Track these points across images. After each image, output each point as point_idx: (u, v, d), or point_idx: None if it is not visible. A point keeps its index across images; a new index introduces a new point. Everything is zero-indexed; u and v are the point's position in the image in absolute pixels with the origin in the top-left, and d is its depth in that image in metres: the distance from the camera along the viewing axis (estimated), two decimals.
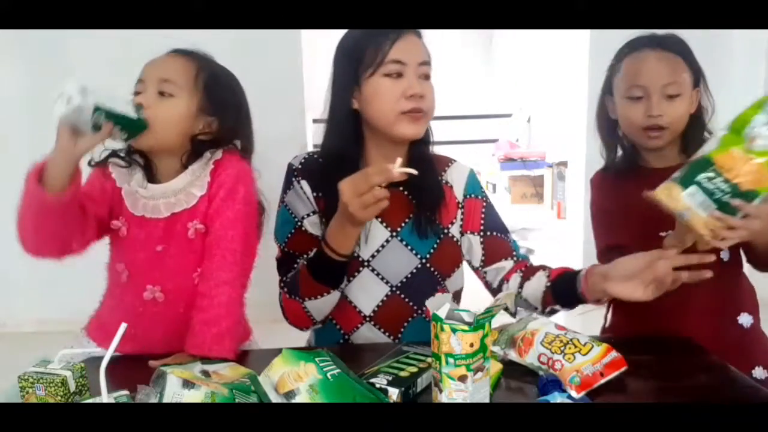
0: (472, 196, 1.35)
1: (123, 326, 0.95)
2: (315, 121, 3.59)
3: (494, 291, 1.34)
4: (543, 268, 1.29)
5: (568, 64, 3.76)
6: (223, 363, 1.11)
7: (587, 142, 3.31)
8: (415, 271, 1.29)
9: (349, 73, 1.23)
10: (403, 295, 1.29)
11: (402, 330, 1.30)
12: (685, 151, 1.36)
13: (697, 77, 1.34)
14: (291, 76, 3.18)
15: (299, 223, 1.27)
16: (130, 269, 1.26)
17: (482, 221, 1.34)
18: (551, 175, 5.58)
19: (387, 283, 1.28)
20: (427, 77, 1.24)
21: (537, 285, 1.25)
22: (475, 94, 6.71)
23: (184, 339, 1.19)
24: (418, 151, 1.30)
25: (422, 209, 1.29)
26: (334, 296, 1.22)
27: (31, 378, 0.92)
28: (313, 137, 3.50)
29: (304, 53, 3.20)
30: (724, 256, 1.31)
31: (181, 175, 1.24)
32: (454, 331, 0.90)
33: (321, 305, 1.23)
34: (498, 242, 1.34)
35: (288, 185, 1.30)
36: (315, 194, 1.27)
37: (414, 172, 1.09)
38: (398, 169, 1.06)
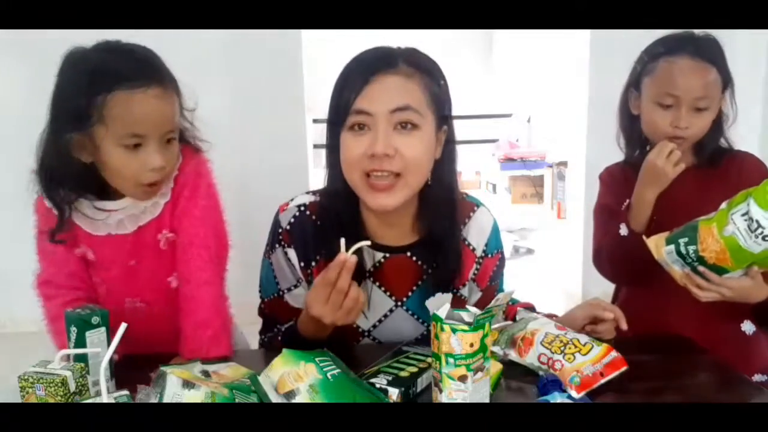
0: (493, 254, 1.23)
1: (123, 326, 0.95)
2: (315, 121, 3.59)
3: None
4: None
5: (568, 65, 3.75)
6: (223, 363, 1.11)
7: (587, 142, 3.31)
8: (420, 337, 1.19)
9: (334, 118, 1.05)
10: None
11: None
12: (698, 154, 1.37)
13: (726, 83, 1.33)
14: (291, 76, 3.18)
15: (281, 293, 1.19)
16: (107, 286, 1.22)
17: (491, 276, 1.25)
18: (551, 175, 5.58)
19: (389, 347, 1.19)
20: (408, 126, 1.01)
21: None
22: (475, 94, 6.71)
23: (171, 336, 1.18)
24: (432, 202, 1.10)
25: (435, 280, 1.14)
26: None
27: (31, 378, 0.92)
28: (313, 137, 3.50)
29: (304, 53, 3.20)
30: None
31: None
32: (454, 331, 0.90)
33: None
34: (491, 291, 1.26)
35: (274, 244, 1.16)
36: (302, 264, 1.14)
37: (367, 243, 0.98)
38: (349, 253, 0.95)
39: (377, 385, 0.98)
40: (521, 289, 1.30)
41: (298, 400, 0.91)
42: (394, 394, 0.98)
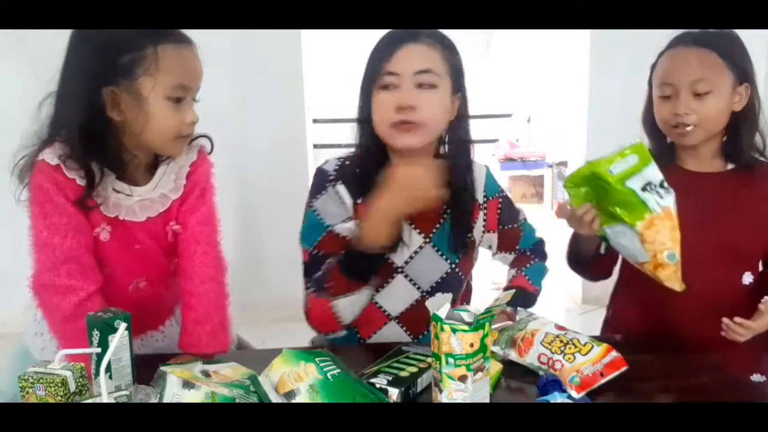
0: (493, 196, 1.36)
1: (123, 325, 0.95)
2: (315, 121, 3.59)
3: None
4: (521, 267, 1.41)
5: (568, 65, 3.75)
6: (223, 363, 1.11)
7: (587, 142, 3.31)
8: (445, 276, 1.31)
9: (368, 82, 1.23)
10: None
11: (425, 332, 1.31)
12: (732, 154, 1.31)
13: (744, 74, 1.27)
14: (291, 76, 3.18)
15: (329, 228, 1.24)
16: (115, 269, 1.22)
17: (498, 218, 1.37)
18: (551, 175, 5.58)
19: (419, 288, 1.30)
20: (428, 86, 1.19)
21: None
22: (475, 94, 6.71)
23: (160, 314, 1.27)
24: (447, 153, 1.29)
25: (456, 223, 1.29)
26: (362, 295, 1.20)
27: (31, 378, 0.92)
28: (313, 137, 3.49)
29: (304, 53, 3.20)
30: (746, 280, 1.31)
31: (163, 179, 1.21)
32: (454, 331, 0.90)
33: (350, 305, 1.19)
34: (510, 234, 1.40)
35: (319, 190, 1.27)
36: (353, 200, 1.25)
37: None
38: None
39: (377, 385, 0.99)
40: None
41: (298, 400, 0.91)
42: (394, 394, 0.98)
